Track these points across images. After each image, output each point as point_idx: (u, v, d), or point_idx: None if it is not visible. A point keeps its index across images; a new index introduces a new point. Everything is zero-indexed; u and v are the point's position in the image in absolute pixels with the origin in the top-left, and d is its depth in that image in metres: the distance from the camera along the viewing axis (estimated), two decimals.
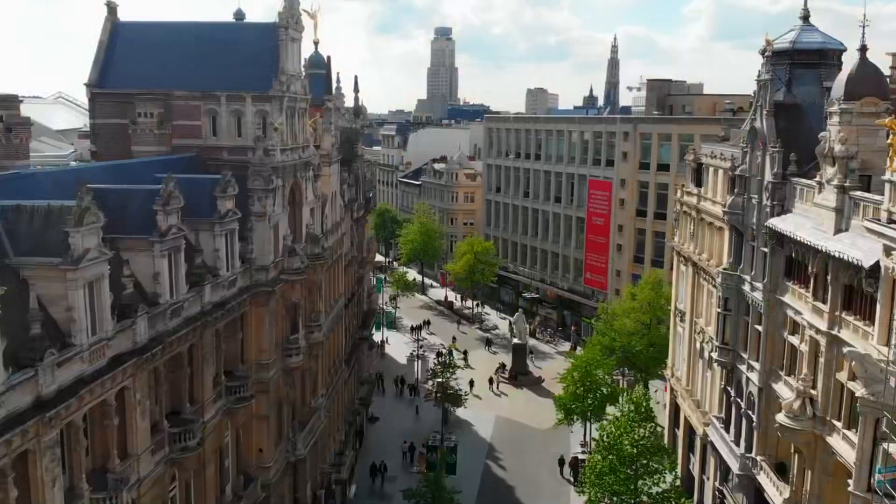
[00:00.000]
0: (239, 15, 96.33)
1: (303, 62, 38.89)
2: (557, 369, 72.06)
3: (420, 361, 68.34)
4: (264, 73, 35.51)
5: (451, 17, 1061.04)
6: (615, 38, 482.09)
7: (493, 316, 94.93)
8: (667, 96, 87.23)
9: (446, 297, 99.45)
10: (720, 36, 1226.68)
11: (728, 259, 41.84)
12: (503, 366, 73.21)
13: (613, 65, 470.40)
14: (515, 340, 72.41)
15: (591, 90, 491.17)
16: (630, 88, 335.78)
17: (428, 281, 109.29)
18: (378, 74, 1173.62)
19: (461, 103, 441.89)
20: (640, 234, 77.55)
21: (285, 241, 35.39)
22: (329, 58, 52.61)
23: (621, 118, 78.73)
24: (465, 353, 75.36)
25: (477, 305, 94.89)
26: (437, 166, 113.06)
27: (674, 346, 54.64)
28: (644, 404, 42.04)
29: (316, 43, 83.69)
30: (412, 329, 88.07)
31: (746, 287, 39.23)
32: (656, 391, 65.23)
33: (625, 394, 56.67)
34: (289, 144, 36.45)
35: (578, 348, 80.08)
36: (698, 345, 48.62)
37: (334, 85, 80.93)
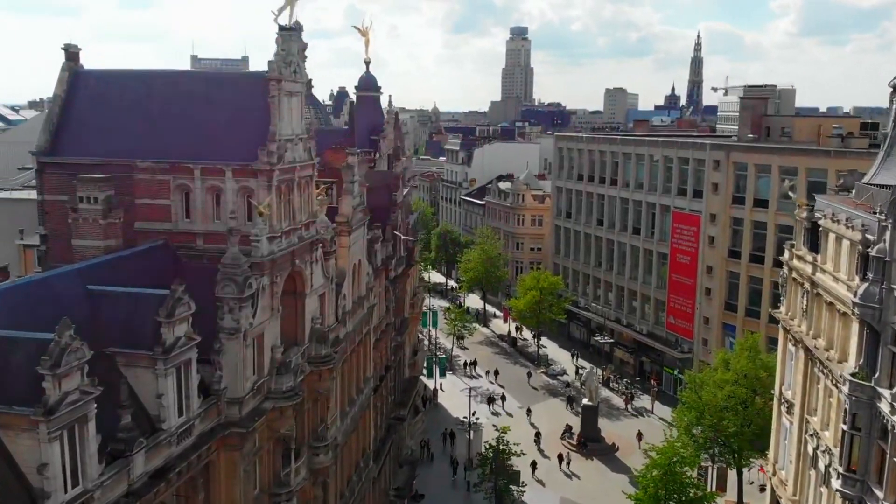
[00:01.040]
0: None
1: (305, 120, 30.75)
2: (634, 432, 62.87)
3: (474, 432, 59.59)
4: (251, 137, 27.62)
5: (530, 15, 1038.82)
6: (698, 36, 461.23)
7: (554, 350, 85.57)
8: (762, 117, 76.31)
9: (509, 333, 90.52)
10: (809, 31, 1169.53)
11: (857, 360, 32.04)
12: (569, 429, 64.07)
13: (696, 63, 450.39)
14: (585, 401, 63.18)
15: (672, 89, 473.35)
16: (715, 89, 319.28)
17: (490, 309, 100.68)
18: (454, 72, 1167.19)
19: (536, 104, 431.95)
20: (732, 277, 67.13)
21: (274, 353, 27.44)
22: (349, 102, 44.37)
23: (711, 144, 68.32)
24: (537, 435, 63.41)
25: (536, 338, 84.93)
26: (503, 185, 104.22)
27: (777, 439, 44.68)
28: None
29: (367, 62, 76.54)
30: (465, 365, 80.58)
31: (884, 406, 29.45)
32: (750, 469, 55.27)
33: (716, 501, 47.20)
34: (282, 227, 28.47)
35: (643, 400, 70.50)
36: (810, 449, 38.79)
37: (385, 108, 73.01)
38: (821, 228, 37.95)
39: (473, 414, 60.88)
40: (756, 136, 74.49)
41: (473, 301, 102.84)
